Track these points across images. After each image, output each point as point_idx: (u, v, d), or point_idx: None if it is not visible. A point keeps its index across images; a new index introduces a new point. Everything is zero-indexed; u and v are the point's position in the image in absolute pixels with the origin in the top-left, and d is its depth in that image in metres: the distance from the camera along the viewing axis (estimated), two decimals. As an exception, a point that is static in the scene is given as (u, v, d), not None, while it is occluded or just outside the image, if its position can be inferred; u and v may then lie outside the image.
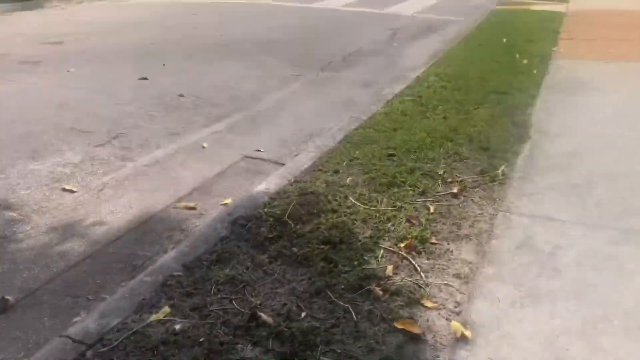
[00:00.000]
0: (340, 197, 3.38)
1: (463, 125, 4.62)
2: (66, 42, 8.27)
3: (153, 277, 2.60)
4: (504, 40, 8.25)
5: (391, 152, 4.08)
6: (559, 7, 12.06)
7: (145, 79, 6.40)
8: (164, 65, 7.11)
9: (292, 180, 3.65)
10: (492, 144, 4.26)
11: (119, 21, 10.60)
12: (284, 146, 4.73)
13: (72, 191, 3.78)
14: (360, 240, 2.88)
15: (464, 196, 3.46)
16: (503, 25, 9.95)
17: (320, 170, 3.83)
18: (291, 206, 3.21)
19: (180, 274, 2.61)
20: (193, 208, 3.62)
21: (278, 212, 3.17)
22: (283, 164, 4.31)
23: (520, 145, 4.31)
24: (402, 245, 2.85)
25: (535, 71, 6.48)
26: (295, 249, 2.79)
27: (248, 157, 4.51)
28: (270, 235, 2.93)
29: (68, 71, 6.63)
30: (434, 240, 2.93)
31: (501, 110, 5.04)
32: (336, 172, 3.80)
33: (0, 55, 7.32)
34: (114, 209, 3.58)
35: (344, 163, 3.93)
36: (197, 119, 5.28)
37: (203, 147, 4.62)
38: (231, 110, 5.55)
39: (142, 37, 8.91)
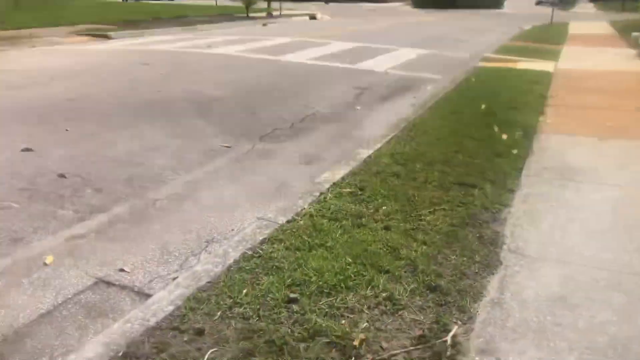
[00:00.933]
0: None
1: (408, 242, 3.32)
2: (-30, 96, 7.03)
3: None
4: (482, 106, 7.07)
5: (294, 293, 2.75)
6: (548, 66, 11.00)
7: (30, 150, 5.11)
8: (67, 130, 5.84)
9: (121, 353, 2.32)
10: (445, 279, 2.96)
11: (52, 69, 9.42)
12: (164, 261, 3.42)
13: None
14: None
15: (384, 397, 2.13)
16: (484, 86, 8.82)
17: (175, 329, 2.50)
18: None
19: None
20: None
21: None
22: (149, 295, 3.00)
23: (485, 279, 3.01)
24: None
25: (515, 151, 5.25)
26: None
27: (103, 281, 3.18)
28: None
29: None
30: None
31: (465, 215, 3.76)
32: (199, 333, 2.47)
33: None
34: None
35: (218, 314, 2.60)
36: (62, 213, 3.96)
37: (45, 264, 3.29)
38: (117, 199, 4.25)
39: (65, 90, 7.70)
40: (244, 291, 2.77)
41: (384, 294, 2.77)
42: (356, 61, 11.79)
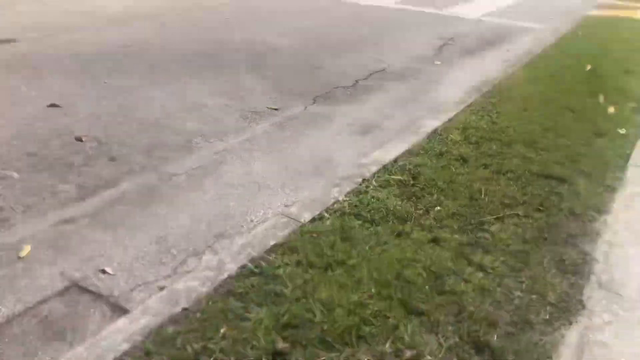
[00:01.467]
0: None
1: (459, 266, 2.50)
2: (23, 40, 6.70)
3: None
4: (588, 68, 5.86)
5: (285, 341, 2.05)
6: (676, 16, 9.28)
7: (56, 105, 4.65)
8: (105, 82, 5.34)
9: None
10: (499, 330, 2.14)
11: (121, 12, 8.96)
12: (157, 261, 2.82)
13: None
14: None
15: None
16: (593, 40, 7.47)
17: (118, 382, 1.89)
18: None
19: None
20: None
21: None
22: (124, 310, 2.43)
23: (558, 333, 2.16)
24: None
25: (623, 131, 4.18)
26: None
27: (78, 285, 2.63)
28: None
29: (-31, 87, 5.02)
30: None
31: (544, 226, 2.86)
32: (146, 393, 1.84)
33: None
34: None
35: (180, 363, 1.96)
36: (63, 188, 3.45)
37: (19, 258, 2.79)
38: (130, 171, 3.69)
39: (120, 36, 7.21)
40: (222, 330, 2.10)
41: (408, 353, 2.00)
42: (446, 5, 10.54)
